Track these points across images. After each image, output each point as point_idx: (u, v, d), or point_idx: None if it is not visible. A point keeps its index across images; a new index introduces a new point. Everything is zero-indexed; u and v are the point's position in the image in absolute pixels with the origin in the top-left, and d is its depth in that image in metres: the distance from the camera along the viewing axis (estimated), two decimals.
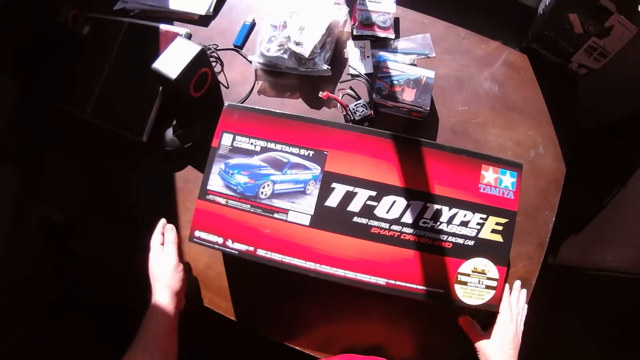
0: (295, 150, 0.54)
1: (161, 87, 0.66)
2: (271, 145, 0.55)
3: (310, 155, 0.54)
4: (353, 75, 0.69)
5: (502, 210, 0.55)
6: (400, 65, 0.66)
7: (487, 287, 0.54)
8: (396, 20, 0.72)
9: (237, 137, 0.56)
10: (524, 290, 0.61)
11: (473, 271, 0.54)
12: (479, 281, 0.54)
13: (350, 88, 0.68)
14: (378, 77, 0.65)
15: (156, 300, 0.53)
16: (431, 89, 0.64)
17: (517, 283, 0.61)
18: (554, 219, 0.64)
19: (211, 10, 0.73)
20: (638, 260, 0.60)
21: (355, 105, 0.65)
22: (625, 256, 0.62)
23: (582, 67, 0.67)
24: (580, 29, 0.61)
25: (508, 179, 0.56)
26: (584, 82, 0.70)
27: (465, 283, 0.54)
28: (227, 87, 0.70)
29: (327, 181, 0.53)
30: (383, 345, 0.61)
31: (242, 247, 0.54)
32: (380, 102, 0.65)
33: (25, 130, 0.74)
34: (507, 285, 0.59)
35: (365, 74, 0.68)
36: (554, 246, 0.65)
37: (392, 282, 0.53)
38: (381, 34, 0.69)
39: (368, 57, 0.69)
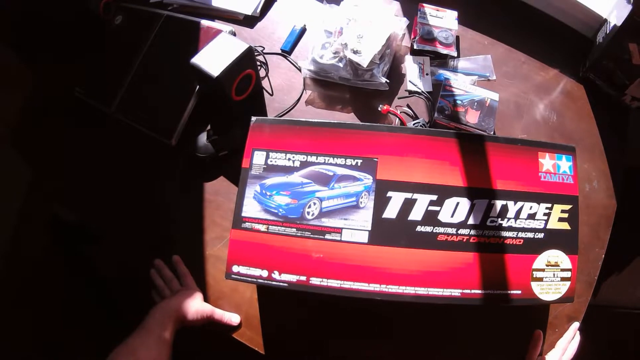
0: (340, 160, 0.48)
1: (198, 87, 0.59)
2: (312, 159, 0.48)
3: (359, 164, 0.48)
4: (411, 92, 0.64)
5: (565, 196, 0.51)
6: (464, 85, 0.62)
7: (562, 279, 0.50)
8: (457, 39, 0.69)
9: (271, 154, 0.49)
10: (578, 336, 0.58)
11: (547, 265, 0.50)
12: (554, 274, 0.50)
13: (408, 106, 0.63)
14: (441, 95, 0.60)
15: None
16: (495, 112, 0.60)
17: (575, 325, 0.58)
18: (603, 256, 0.61)
19: (258, 11, 0.67)
20: None
21: (414, 124, 0.60)
22: None
23: (635, 100, 0.65)
24: (638, 60, 0.59)
25: (565, 164, 0.52)
26: (635, 115, 0.68)
27: (541, 279, 0.49)
28: (272, 94, 0.64)
29: (381, 190, 0.47)
30: None
31: (292, 277, 0.47)
32: (441, 122, 0.60)
33: (40, 120, 0.67)
34: (572, 326, 0.57)
35: (425, 92, 0.64)
36: (596, 284, 0.62)
37: (468, 291, 0.47)
38: (443, 50, 0.65)
39: (427, 74, 0.65)
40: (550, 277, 0.50)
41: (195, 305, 0.51)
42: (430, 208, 0.47)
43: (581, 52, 0.69)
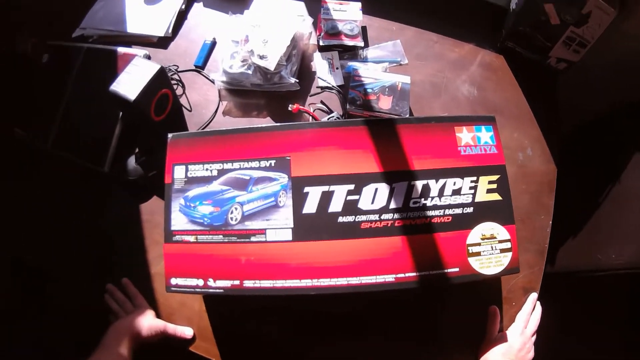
0: (255, 164, 0.49)
1: (121, 112, 0.62)
2: (228, 166, 0.49)
3: (273, 164, 0.49)
4: (323, 88, 0.65)
5: (491, 167, 0.51)
6: (373, 73, 0.62)
7: (502, 250, 0.49)
8: (363, 29, 0.69)
9: (190, 167, 0.50)
10: (539, 306, 0.58)
11: (482, 238, 0.49)
12: (492, 247, 0.49)
13: (321, 102, 0.64)
14: (350, 86, 0.61)
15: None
16: (408, 94, 0.60)
17: (533, 296, 0.58)
18: (550, 222, 0.60)
19: (170, 31, 0.69)
20: None
21: (328, 119, 0.60)
22: (630, 251, 0.58)
23: (561, 61, 0.64)
24: (556, 20, 0.58)
25: (485, 135, 0.52)
26: (564, 77, 0.67)
27: (478, 254, 0.49)
28: (190, 110, 0.65)
29: (298, 187, 0.48)
30: None
31: (227, 283, 0.47)
32: (355, 113, 0.61)
33: None
34: (530, 297, 0.57)
35: (336, 86, 0.64)
36: (551, 252, 0.61)
37: (402, 275, 0.47)
38: (349, 42, 0.66)
39: (337, 68, 0.66)
40: (489, 251, 0.49)
41: (148, 322, 0.53)
42: (349, 198, 0.48)
43: (497, 22, 0.68)
